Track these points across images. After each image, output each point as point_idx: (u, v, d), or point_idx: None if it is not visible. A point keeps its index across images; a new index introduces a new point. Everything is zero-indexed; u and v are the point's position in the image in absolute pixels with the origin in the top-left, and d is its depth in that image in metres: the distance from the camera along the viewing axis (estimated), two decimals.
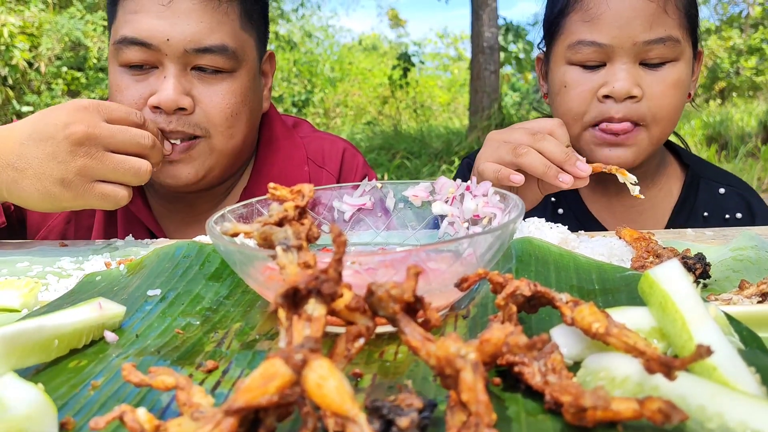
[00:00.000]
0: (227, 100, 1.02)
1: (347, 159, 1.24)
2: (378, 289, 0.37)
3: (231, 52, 1.02)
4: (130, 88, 1.01)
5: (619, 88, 1.01)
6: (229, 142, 1.05)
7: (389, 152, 7.78)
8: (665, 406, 0.33)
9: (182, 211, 1.15)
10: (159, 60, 0.99)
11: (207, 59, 1.00)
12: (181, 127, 0.99)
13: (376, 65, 13.04)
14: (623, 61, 1.02)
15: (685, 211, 1.18)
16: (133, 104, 1.00)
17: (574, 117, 1.07)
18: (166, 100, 0.97)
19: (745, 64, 10.31)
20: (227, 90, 1.03)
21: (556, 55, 1.10)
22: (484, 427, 0.32)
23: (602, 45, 1.02)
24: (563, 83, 1.08)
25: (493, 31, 8.02)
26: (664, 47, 1.02)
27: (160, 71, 1.00)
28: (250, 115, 1.08)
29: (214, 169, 1.06)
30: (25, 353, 0.45)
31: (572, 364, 0.43)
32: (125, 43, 0.99)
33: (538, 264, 0.64)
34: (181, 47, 0.98)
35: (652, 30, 1.01)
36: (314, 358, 0.32)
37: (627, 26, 1.01)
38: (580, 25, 1.05)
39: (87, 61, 8.65)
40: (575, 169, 0.90)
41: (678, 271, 0.44)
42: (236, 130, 1.05)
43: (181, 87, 0.99)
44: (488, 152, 0.97)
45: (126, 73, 1.01)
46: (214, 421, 0.31)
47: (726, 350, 0.38)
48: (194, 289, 0.62)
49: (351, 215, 0.72)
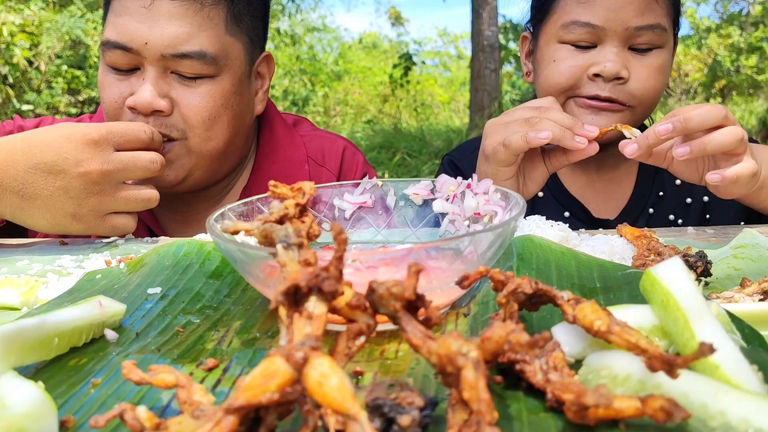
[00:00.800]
0: (205, 103, 1.02)
1: (347, 157, 1.24)
2: (379, 286, 0.37)
3: (210, 58, 1.00)
4: (112, 86, 1.01)
5: (610, 68, 1.06)
6: (207, 144, 1.04)
7: (389, 151, 7.78)
8: (667, 404, 0.33)
9: (181, 210, 1.15)
10: (139, 62, 1.00)
11: (185, 65, 0.99)
12: (158, 128, 0.99)
13: (376, 64, 13.03)
14: (614, 44, 1.07)
15: (659, 180, 1.23)
16: (113, 103, 1.01)
17: (560, 90, 1.11)
18: (142, 103, 0.98)
19: (746, 62, 10.30)
20: (206, 93, 1.02)
21: (547, 33, 1.14)
22: (486, 425, 0.32)
23: (596, 27, 1.07)
24: (552, 59, 1.12)
25: (493, 29, 8.01)
26: (652, 34, 1.07)
27: (140, 73, 1.00)
28: (233, 118, 1.06)
29: (195, 171, 1.05)
30: (25, 351, 0.44)
31: (574, 362, 0.43)
32: (108, 46, 1.00)
33: (539, 262, 0.64)
34: (158, 51, 0.98)
35: (644, 16, 1.06)
36: (315, 356, 0.32)
37: (621, 10, 1.05)
38: (575, 6, 1.09)
39: (87, 60, 8.65)
40: (584, 131, 0.95)
41: (680, 269, 0.44)
42: (214, 133, 1.04)
43: (159, 90, 0.99)
44: (496, 136, 1.00)
45: (110, 72, 1.02)
46: (215, 420, 0.31)
47: (728, 348, 0.38)
48: (194, 288, 0.62)
49: (351, 213, 0.72)
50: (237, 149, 1.12)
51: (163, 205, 1.14)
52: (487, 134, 1.02)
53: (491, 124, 1.03)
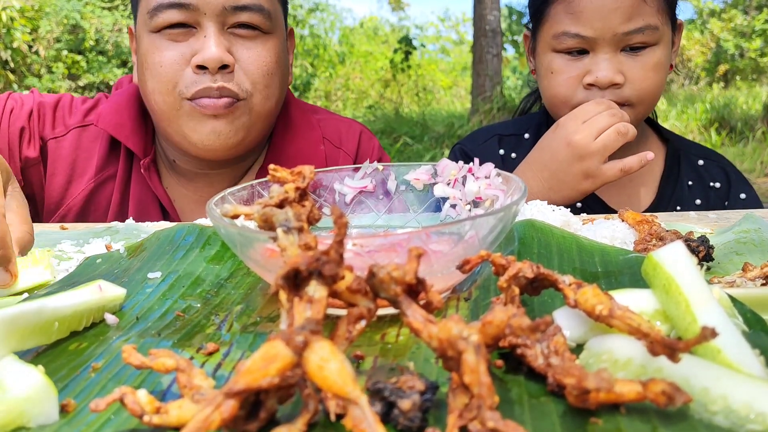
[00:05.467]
0: (264, 58, 1.04)
1: (364, 141, 1.24)
2: (380, 270, 0.37)
3: (267, 12, 1.03)
4: (169, 49, 1.01)
5: (602, 77, 1.08)
6: (267, 103, 1.06)
7: (391, 136, 7.76)
8: (669, 388, 0.33)
9: (201, 190, 1.15)
10: (197, 20, 1.00)
11: (245, 16, 1.01)
12: (227, 83, 1.00)
13: (377, 48, 12.97)
14: (605, 51, 1.09)
15: (672, 180, 1.23)
16: (174, 64, 1.00)
17: (562, 101, 1.14)
18: (211, 58, 0.98)
19: (750, 45, 10.24)
20: (264, 49, 1.04)
21: (542, 40, 1.17)
22: (487, 409, 0.32)
23: (585, 37, 1.09)
24: (550, 69, 1.15)
25: (495, 14, 7.98)
26: (643, 35, 1.08)
27: (199, 32, 1.00)
28: (282, 78, 1.09)
29: (251, 132, 1.06)
30: (26, 336, 0.44)
31: (575, 347, 0.43)
32: (161, 8, 0.99)
33: (541, 246, 0.63)
34: (220, 5, 0.99)
35: (632, 21, 1.07)
36: (315, 340, 0.32)
37: (607, 18, 1.07)
38: (563, 16, 1.11)
39: (84, 43, 8.62)
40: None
41: (682, 254, 0.44)
42: (272, 91, 1.06)
43: (223, 44, 1.00)
44: (588, 130, 1.02)
45: (162, 37, 1.01)
46: (215, 404, 0.31)
47: (730, 332, 0.38)
48: (195, 272, 0.62)
49: (352, 198, 0.71)
50: (276, 115, 1.14)
51: (183, 185, 1.15)
52: (565, 126, 1.04)
53: (569, 119, 1.05)
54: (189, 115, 1.02)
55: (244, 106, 1.03)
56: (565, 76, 1.12)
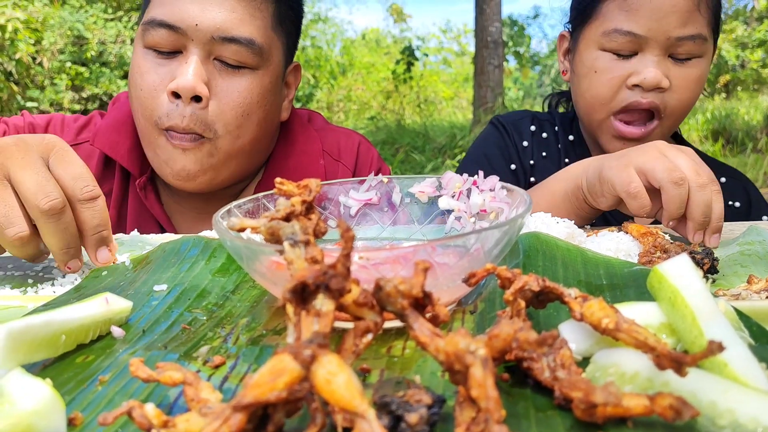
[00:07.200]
0: (243, 98, 1.01)
1: (362, 152, 1.23)
2: (386, 284, 0.37)
3: (257, 48, 1.00)
4: (151, 72, 1.00)
5: (650, 79, 1.06)
6: (235, 142, 1.03)
7: (393, 147, 7.77)
8: (676, 402, 0.33)
9: (197, 208, 1.14)
10: (183, 45, 0.99)
11: (231, 50, 0.99)
12: (193, 124, 0.98)
13: (379, 60, 13.01)
14: (655, 53, 1.07)
15: None
16: (153, 88, 0.99)
17: (602, 102, 1.12)
18: (185, 87, 0.96)
19: (751, 56, 10.26)
20: (246, 85, 1.01)
21: (587, 38, 1.14)
22: (494, 423, 0.32)
23: (638, 35, 1.07)
24: (593, 68, 1.12)
25: (497, 25, 8.00)
26: (693, 44, 1.07)
27: (182, 56, 0.99)
28: (264, 118, 1.06)
29: (222, 171, 1.04)
30: (33, 348, 0.45)
31: (581, 360, 0.43)
32: (153, 25, 0.99)
33: (546, 259, 0.63)
34: (208, 34, 0.97)
35: (686, 27, 1.06)
36: (323, 353, 0.32)
37: (663, 20, 1.05)
38: (617, 13, 1.09)
39: (86, 53, 8.65)
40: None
41: (687, 266, 0.44)
42: (244, 131, 1.03)
43: (201, 74, 0.98)
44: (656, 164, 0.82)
45: (149, 56, 1.01)
46: (223, 417, 0.31)
47: (737, 346, 0.38)
48: (200, 284, 0.62)
49: (357, 210, 0.71)
50: (260, 152, 1.11)
51: (180, 202, 1.14)
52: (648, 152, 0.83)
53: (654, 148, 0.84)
54: (164, 147, 1.01)
55: (211, 146, 1.01)
56: (609, 76, 1.10)
